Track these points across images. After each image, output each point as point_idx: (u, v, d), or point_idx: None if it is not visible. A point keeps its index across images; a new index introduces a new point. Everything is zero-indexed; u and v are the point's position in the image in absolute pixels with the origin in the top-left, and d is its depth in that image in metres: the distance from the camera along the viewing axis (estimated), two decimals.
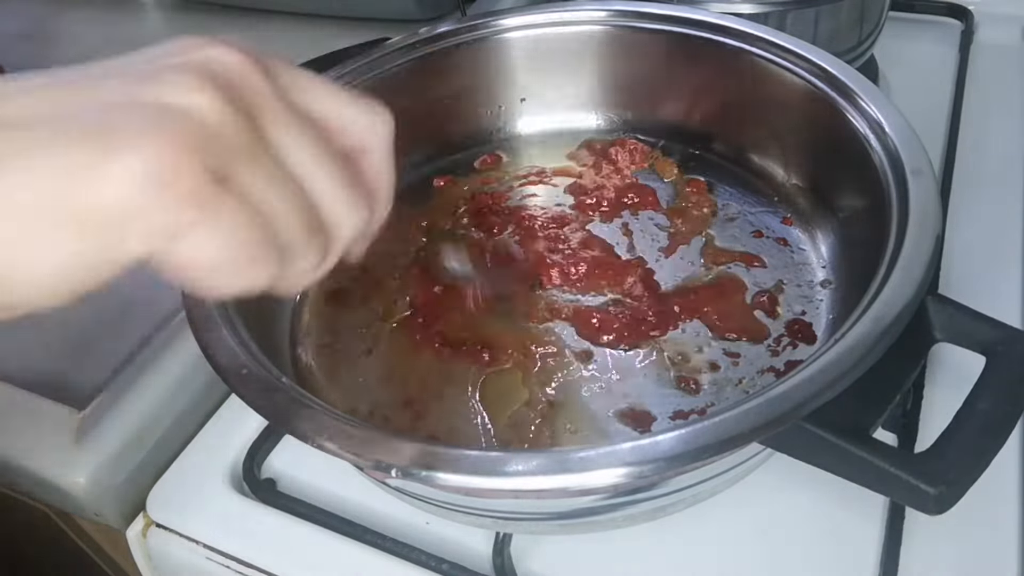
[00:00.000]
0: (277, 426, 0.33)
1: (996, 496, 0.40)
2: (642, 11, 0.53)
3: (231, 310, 0.37)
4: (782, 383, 0.30)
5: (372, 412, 0.41)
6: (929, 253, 0.34)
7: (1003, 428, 0.31)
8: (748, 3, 0.57)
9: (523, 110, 0.57)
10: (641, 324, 0.44)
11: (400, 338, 0.45)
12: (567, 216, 0.51)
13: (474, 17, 0.55)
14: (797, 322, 0.43)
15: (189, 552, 0.43)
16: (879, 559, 0.38)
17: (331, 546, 0.41)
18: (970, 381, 0.32)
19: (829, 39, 0.59)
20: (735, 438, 0.29)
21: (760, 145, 0.51)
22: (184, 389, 0.48)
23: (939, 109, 0.64)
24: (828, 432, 0.30)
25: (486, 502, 0.35)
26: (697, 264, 0.47)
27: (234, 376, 0.33)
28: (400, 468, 0.30)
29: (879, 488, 0.31)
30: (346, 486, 0.44)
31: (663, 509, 0.37)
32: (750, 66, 0.49)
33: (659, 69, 0.54)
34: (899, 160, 0.39)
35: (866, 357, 0.30)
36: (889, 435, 0.43)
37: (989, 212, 0.55)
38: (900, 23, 0.73)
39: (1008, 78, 0.67)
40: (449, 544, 0.41)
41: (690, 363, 0.42)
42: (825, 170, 0.47)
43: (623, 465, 0.28)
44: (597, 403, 0.40)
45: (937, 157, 0.59)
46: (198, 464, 0.46)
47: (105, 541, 0.51)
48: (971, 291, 0.49)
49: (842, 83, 0.44)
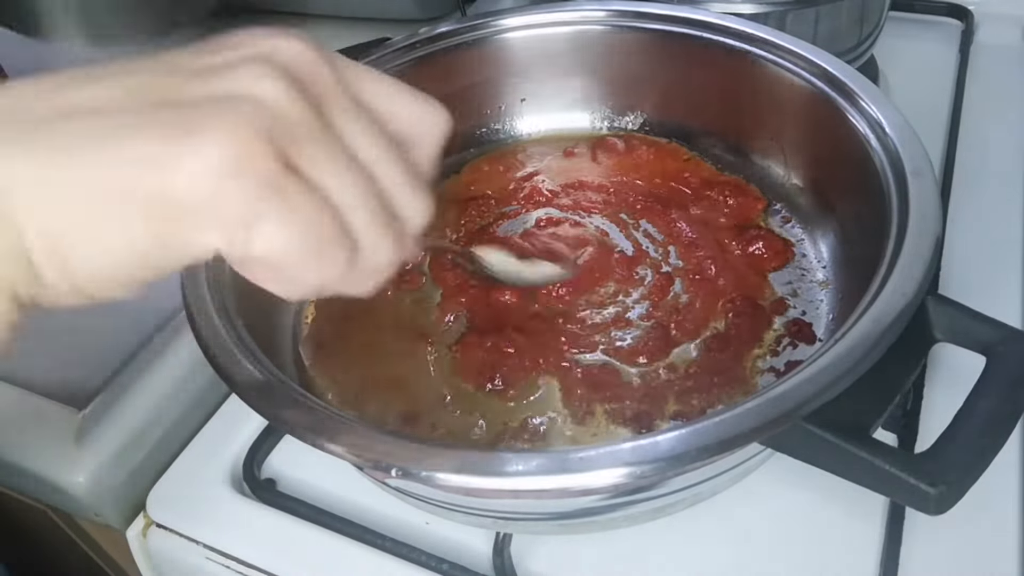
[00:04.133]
0: (277, 427, 0.33)
1: (996, 496, 0.40)
2: (642, 11, 0.53)
3: (231, 310, 0.37)
4: (782, 383, 0.30)
5: (373, 412, 0.42)
6: (929, 253, 0.34)
7: (1003, 428, 0.31)
8: (748, 3, 0.57)
9: (523, 110, 0.57)
10: (667, 338, 0.43)
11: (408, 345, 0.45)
12: (567, 216, 0.51)
13: (474, 17, 0.54)
14: (797, 322, 0.43)
15: (189, 552, 0.43)
16: (879, 559, 0.38)
17: (331, 546, 0.41)
18: (970, 381, 0.32)
19: (829, 39, 0.59)
20: (735, 438, 0.29)
21: (760, 145, 0.51)
22: (184, 389, 0.48)
23: (939, 109, 0.64)
24: (828, 432, 0.30)
25: (486, 502, 0.35)
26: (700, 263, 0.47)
27: (234, 377, 0.33)
28: (400, 468, 0.30)
29: (879, 488, 0.31)
30: (346, 486, 0.44)
31: (663, 509, 0.37)
32: (750, 66, 0.49)
33: (659, 69, 0.54)
34: (899, 160, 0.39)
35: (866, 357, 0.30)
36: (889, 435, 0.43)
37: (989, 212, 0.55)
38: (900, 23, 0.73)
39: (1008, 78, 0.67)
40: (449, 544, 0.41)
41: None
42: (825, 170, 0.47)
43: (623, 465, 0.28)
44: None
45: (937, 157, 0.59)
46: (198, 464, 0.46)
47: (105, 541, 0.51)
48: (971, 291, 0.49)
49: (842, 83, 0.44)
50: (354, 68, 0.26)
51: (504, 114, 0.57)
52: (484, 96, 0.56)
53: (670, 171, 0.53)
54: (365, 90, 0.26)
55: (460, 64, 0.54)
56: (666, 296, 0.45)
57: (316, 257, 0.23)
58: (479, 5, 0.76)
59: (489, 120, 0.57)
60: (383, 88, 0.26)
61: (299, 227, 0.22)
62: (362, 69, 0.26)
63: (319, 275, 0.23)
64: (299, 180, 0.22)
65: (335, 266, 0.23)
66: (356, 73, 0.26)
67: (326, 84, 0.24)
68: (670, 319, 0.44)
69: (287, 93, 0.22)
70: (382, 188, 0.25)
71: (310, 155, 0.23)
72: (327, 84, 0.24)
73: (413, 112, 0.27)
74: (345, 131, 0.24)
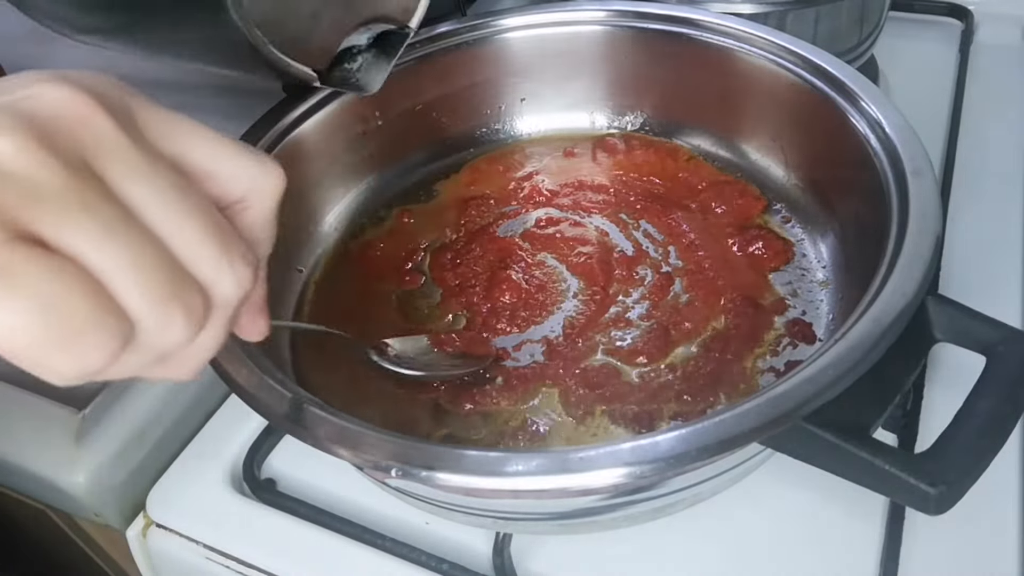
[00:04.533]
0: (277, 426, 0.33)
1: (996, 496, 0.40)
2: (642, 11, 0.53)
3: None
4: (782, 383, 0.30)
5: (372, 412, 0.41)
6: (929, 253, 0.34)
7: (1003, 428, 0.31)
8: (748, 3, 0.57)
9: (523, 110, 0.57)
10: (667, 338, 0.43)
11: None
12: (567, 216, 0.51)
13: (474, 17, 0.55)
14: (797, 322, 0.43)
15: (189, 552, 0.43)
16: (879, 559, 0.38)
17: (331, 546, 0.41)
18: (970, 381, 0.32)
19: (829, 39, 0.59)
20: (735, 438, 0.29)
21: (760, 145, 0.51)
22: (184, 389, 0.48)
23: (939, 109, 0.64)
24: (828, 432, 0.30)
25: (486, 502, 0.35)
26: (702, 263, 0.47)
27: (234, 377, 0.33)
28: (400, 468, 0.30)
29: (879, 488, 0.31)
30: (346, 486, 0.44)
31: (663, 509, 0.37)
32: (750, 66, 0.49)
33: (659, 69, 0.54)
34: (899, 160, 0.39)
35: (866, 357, 0.30)
36: (889, 435, 0.43)
37: (989, 212, 0.55)
38: (900, 23, 0.73)
39: (1008, 78, 0.67)
40: (449, 544, 0.41)
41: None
42: (825, 170, 0.47)
43: (623, 465, 0.28)
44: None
45: (937, 157, 0.59)
46: (198, 464, 0.46)
47: (105, 541, 0.51)
48: (971, 291, 0.49)
49: (842, 83, 0.44)
50: (166, 120, 0.23)
51: (504, 114, 0.57)
52: (484, 96, 0.56)
53: (670, 171, 0.53)
54: (176, 144, 0.23)
55: (460, 64, 0.54)
56: (666, 296, 0.45)
57: (65, 340, 0.19)
58: (479, 5, 0.76)
59: (489, 120, 0.57)
60: (201, 143, 0.23)
61: (29, 305, 0.19)
62: (176, 121, 0.23)
63: (78, 361, 0.20)
64: (34, 252, 0.19)
65: (99, 351, 0.20)
66: (169, 126, 0.23)
67: (102, 138, 0.21)
68: (670, 319, 0.44)
69: (27, 151, 0.19)
70: (175, 255, 0.22)
71: (56, 220, 0.19)
72: (103, 138, 0.21)
73: (239, 170, 0.24)
74: (126, 191, 0.21)
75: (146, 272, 0.21)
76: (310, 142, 0.49)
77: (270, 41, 0.41)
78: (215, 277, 0.22)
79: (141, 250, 0.21)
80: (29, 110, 0.20)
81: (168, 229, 0.21)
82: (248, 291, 0.24)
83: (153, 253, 0.21)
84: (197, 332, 0.22)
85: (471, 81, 0.55)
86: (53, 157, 0.20)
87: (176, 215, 0.21)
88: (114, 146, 0.21)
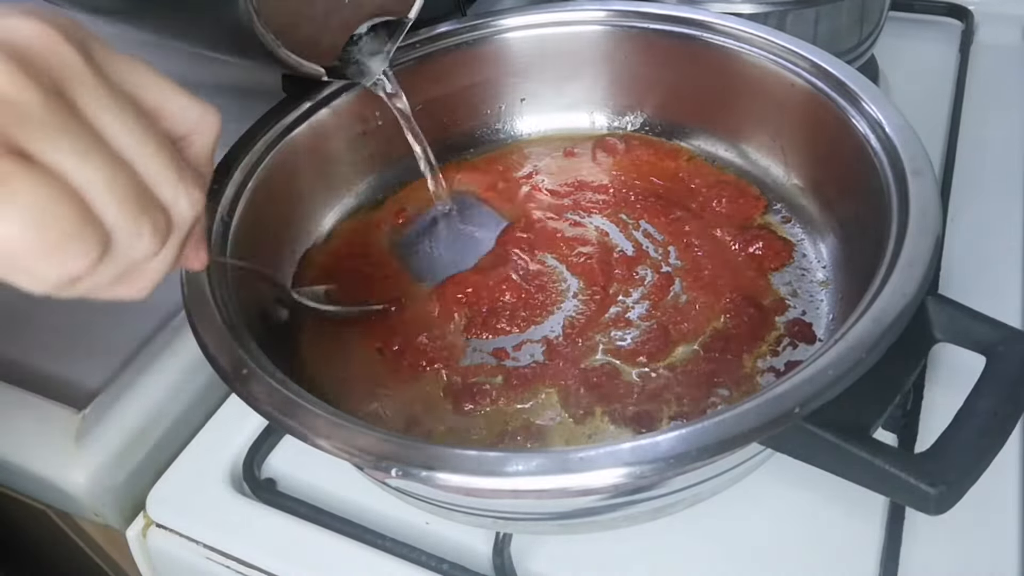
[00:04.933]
0: (277, 426, 0.33)
1: (996, 496, 0.40)
2: (642, 11, 0.53)
3: (232, 310, 0.37)
4: (782, 383, 0.30)
5: (372, 412, 0.41)
6: (929, 253, 0.34)
7: (1003, 428, 0.31)
8: (748, 3, 0.57)
9: (523, 110, 0.57)
10: (667, 338, 0.43)
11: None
12: (567, 216, 0.51)
13: (474, 17, 0.55)
14: (797, 322, 0.43)
15: (189, 552, 0.43)
16: (879, 559, 0.38)
17: (331, 546, 0.41)
18: (970, 381, 0.32)
19: (829, 39, 0.59)
20: (735, 438, 0.29)
21: (760, 145, 0.51)
22: (184, 389, 0.48)
23: (939, 109, 0.64)
24: (828, 432, 0.30)
25: (486, 502, 0.35)
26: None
27: (234, 376, 0.33)
28: (400, 468, 0.30)
29: (879, 488, 0.31)
30: (346, 486, 0.44)
31: (663, 509, 0.37)
32: (750, 66, 0.49)
33: (659, 69, 0.54)
34: (899, 160, 0.39)
35: (866, 357, 0.30)
36: (889, 435, 0.43)
37: (989, 212, 0.55)
38: (900, 23, 0.73)
39: (1008, 78, 0.67)
40: (449, 544, 0.41)
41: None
42: (825, 170, 0.47)
43: (623, 465, 0.28)
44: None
45: (937, 157, 0.59)
46: (198, 464, 0.46)
47: (105, 541, 0.51)
48: (971, 291, 0.49)
49: (842, 83, 0.44)
50: (120, 60, 0.25)
51: (504, 114, 0.57)
52: (484, 96, 0.56)
53: (670, 171, 0.53)
54: (130, 82, 0.25)
55: (460, 64, 0.54)
56: (666, 296, 0.45)
57: (53, 247, 0.22)
58: (479, 5, 0.76)
59: (489, 120, 0.57)
60: (151, 82, 0.25)
61: (25, 214, 0.21)
62: (129, 60, 0.25)
63: (62, 267, 0.22)
64: (28, 166, 0.21)
65: (81, 258, 0.22)
66: (123, 65, 0.25)
67: (71, 69, 0.23)
68: (670, 319, 0.44)
69: (10, 76, 0.21)
70: (141, 177, 0.24)
71: (42, 139, 0.21)
72: (72, 69, 0.23)
73: (184, 110, 0.26)
74: (95, 117, 0.23)
75: (121, 188, 0.23)
76: (310, 142, 0.49)
77: (283, 44, 0.42)
78: (174, 198, 0.25)
79: (115, 169, 0.23)
80: (7, 40, 0.22)
81: (133, 154, 0.24)
82: (200, 213, 0.26)
83: (125, 172, 0.23)
84: (160, 247, 0.25)
85: (471, 81, 0.55)
86: (34, 82, 0.21)
87: (139, 142, 0.24)
88: (84, 77, 0.23)
